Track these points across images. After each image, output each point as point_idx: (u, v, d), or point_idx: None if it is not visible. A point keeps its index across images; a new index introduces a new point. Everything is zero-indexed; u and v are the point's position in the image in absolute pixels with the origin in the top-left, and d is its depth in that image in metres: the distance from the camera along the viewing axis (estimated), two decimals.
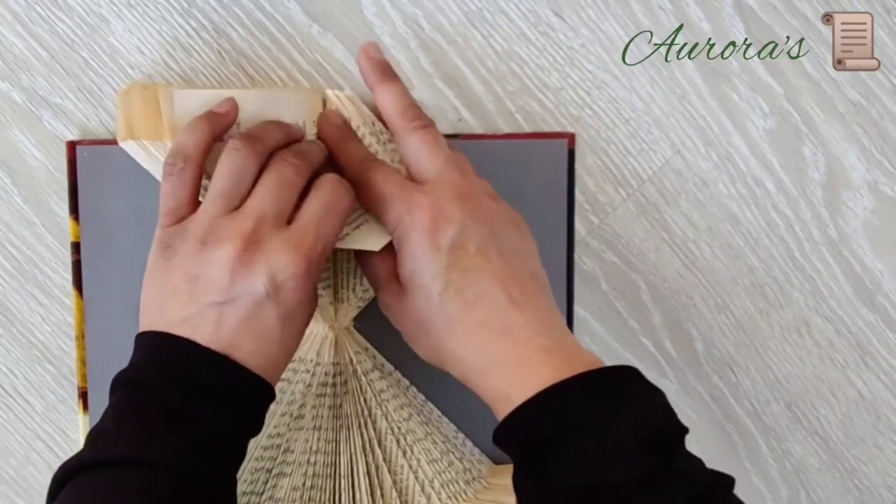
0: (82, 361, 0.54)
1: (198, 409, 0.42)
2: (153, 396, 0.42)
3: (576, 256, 0.55)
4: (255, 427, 0.45)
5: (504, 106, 0.54)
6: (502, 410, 0.43)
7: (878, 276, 0.56)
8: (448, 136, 0.53)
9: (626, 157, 0.55)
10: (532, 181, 0.50)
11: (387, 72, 0.48)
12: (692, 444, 0.40)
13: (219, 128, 0.47)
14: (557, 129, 0.54)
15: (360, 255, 0.49)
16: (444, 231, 0.44)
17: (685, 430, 0.42)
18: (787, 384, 0.57)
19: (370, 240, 0.47)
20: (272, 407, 0.52)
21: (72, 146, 0.53)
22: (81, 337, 0.54)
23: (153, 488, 0.40)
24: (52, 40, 0.53)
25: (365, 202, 0.47)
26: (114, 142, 0.49)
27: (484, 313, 0.44)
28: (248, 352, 0.43)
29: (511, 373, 0.43)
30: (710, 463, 0.40)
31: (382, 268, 0.47)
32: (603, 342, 0.56)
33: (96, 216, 0.53)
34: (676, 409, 0.47)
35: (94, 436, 0.42)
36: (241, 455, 0.45)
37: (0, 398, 0.56)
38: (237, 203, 0.44)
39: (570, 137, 0.54)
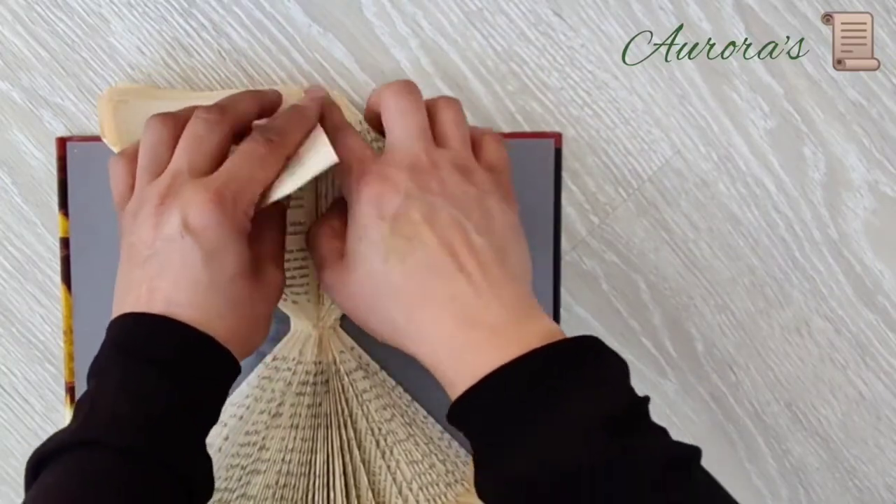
0: (70, 356, 0.54)
1: (146, 381, 0.41)
2: (107, 376, 0.42)
3: (576, 256, 0.55)
4: (216, 394, 0.44)
5: (504, 106, 0.54)
6: (451, 398, 0.42)
7: (878, 276, 0.56)
8: None
9: (626, 157, 0.55)
10: (519, 181, 0.50)
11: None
12: (692, 444, 0.40)
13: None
14: (558, 129, 0.54)
15: (309, 237, 0.49)
16: (389, 200, 0.44)
17: (645, 402, 0.41)
18: (787, 384, 0.57)
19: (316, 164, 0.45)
20: (251, 404, 0.52)
21: (62, 142, 0.53)
22: (70, 332, 0.54)
23: (111, 469, 0.40)
24: (52, 40, 0.53)
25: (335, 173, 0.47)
26: (98, 138, 0.49)
27: (428, 283, 0.43)
28: (187, 305, 0.43)
29: (455, 354, 0.42)
30: (710, 463, 0.40)
31: (328, 247, 0.47)
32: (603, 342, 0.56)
33: (86, 212, 0.53)
34: (676, 409, 0.47)
35: (64, 429, 0.42)
36: (203, 425, 0.44)
37: (0, 398, 0.56)
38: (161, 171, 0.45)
39: (557, 137, 0.54)
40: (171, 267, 0.43)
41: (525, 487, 0.38)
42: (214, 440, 0.52)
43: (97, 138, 0.53)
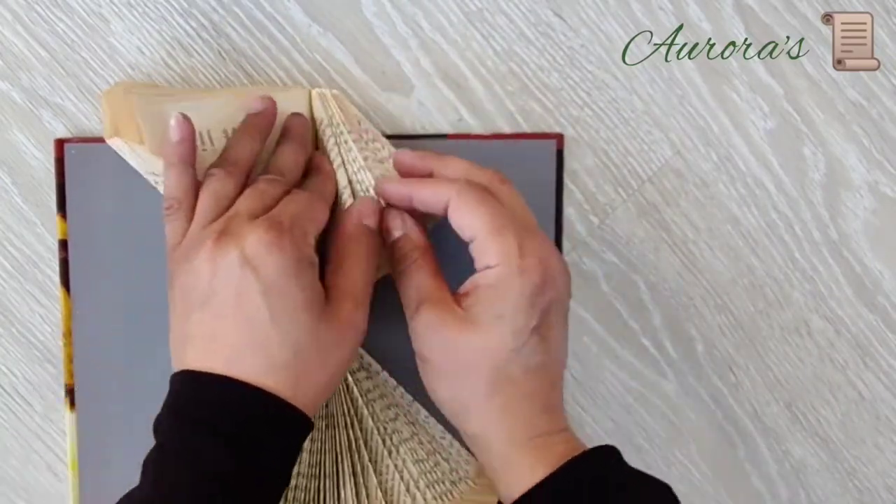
0: (69, 359, 0.54)
1: (213, 453, 0.40)
2: (171, 443, 0.41)
3: (576, 256, 0.55)
4: (286, 458, 0.42)
5: (504, 106, 0.54)
6: (515, 481, 0.42)
7: (878, 276, 0.56)
8: (427, 137, 0.54)
9: (626, 157, 0.55)
10: (520, 183, 0.50)
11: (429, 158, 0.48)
12: (693, 446, 0.40)
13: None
14: (557, 129, 0.54)
15: (413, 269, 0.46)
16: (546, 292, 0.43)
17: None
18: (787, 384, 0.57)
19: None
20: None
21: (60, 144, 0.53)
22: (69, 334, 0.54)
23: None
24: (52, 40, 0.53)
25: (466, 217, 0.44)
26: (102, 139, 0.49)
27: (536, 386, 0.43)
28: (249, 353, 0.41)
29: (537, 451, 0.43)
30: (711, 463, 0.40)
31: (435, 286, 0.45)
32: (603, 342, 0.56)
33: (84, 214, 0.53)
34: (676, 409, 0.47)
35: (128, 496, 0.42)
36: (275, 490, 0.42)
37: (0, 398, 0.56)
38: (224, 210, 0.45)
39: (559, 138, 0.54)
40: (229, 308, 0.41)
41: None
42: None
43: (95, 139, 0.53)
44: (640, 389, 0.57)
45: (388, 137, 0.53)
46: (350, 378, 0.52)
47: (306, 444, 0.52)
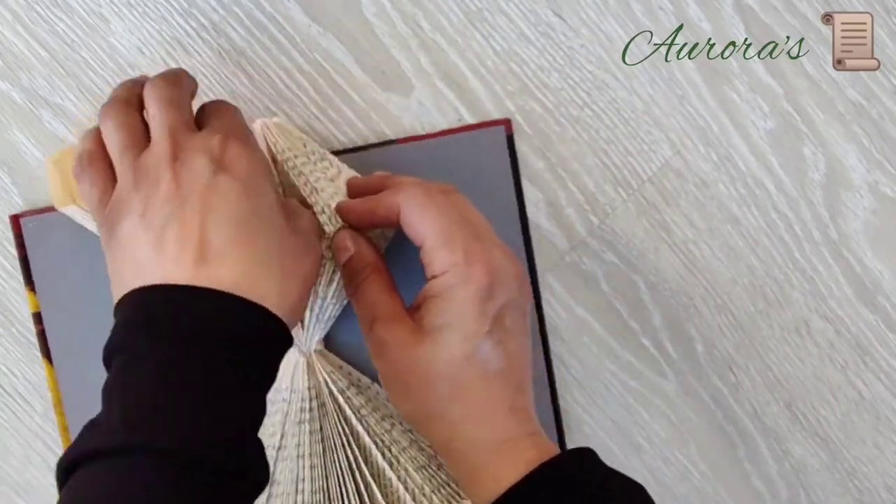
0: (64, 428, 0.54)
1: (190, 368, 0.37)
2: (141, 363, 0.38)
3: (576, 256, 0.55)
4: (268, 375, 0.40)
5: (504, 106, 0.54)
6: (485, 489, 0.42)
7: (878, 276, 0.56)
8: (377, 146, 0.53)
9: (626, 157, 0.55)
10: (476, 174, 0.49)
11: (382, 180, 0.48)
12: (693, 446, 0.40)
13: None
14: (557, 128, 0.54)
15: (364, 286, 0.46)
16: (497, 297, 0.43)
17: None
18: (787, 385, 0.57)
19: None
20: None
21: (16, 219, 0.53)
22: (59, 404, 0.54)
23: (161, 479, 0.35)
24: (52, 40, 0.53)
25: (415, 221, 0.44)
26: (53, 209, 0.49)
27: (497, 391, 0.43)
28: (228, 256, 0.39)
29: (505, 455, 0.43)
30: (710, 463, 0.40)
31: (391, 304, 0.45)
32: (603, 342, 0.56)
33: (53, 284, 0.53)
34: (676, 409, 0.47)
35: (91, 422, 0.38)
36: (256, 413, 0.40)
37: (0, 398, 0.56)
38: (143, 146, 0.43)
39: (507, 123, 0.54)
40: (204, 202, 0.40)
41: None
42: None
43: (49, 209, 0.53)
44: (640, 389, 0.57)
45: (388, 142, 0.53)
46: (341, 398, 0.52)
47: (306, 472, 0.51)
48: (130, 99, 0.45)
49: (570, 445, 0.57)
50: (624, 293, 0.56)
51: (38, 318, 0.53)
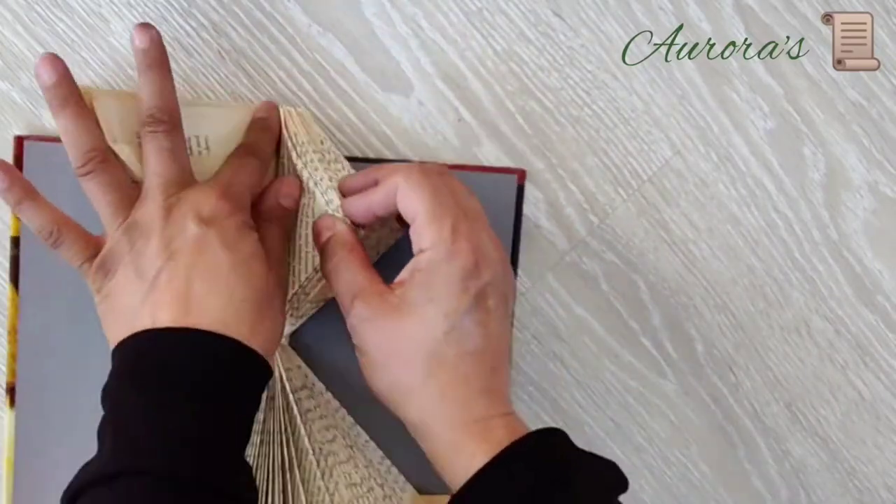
0: (12, 356, 0.54)
1: (175, 404, 0.41)
2: (131, 405, 0.41)
3: (576, 256, 0.55)
4: (250, 404, 0.44)
5: (504, 106, 0.54)
6: (457, 468, 0.42)
7: (878, 276, 0.56)
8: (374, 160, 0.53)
9: (626, 157, 0.55)
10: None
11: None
12: (693, 446, 0.40)
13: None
14: (557, 128, 0.54)
15: (344, 265, 0.46)
16: (481, 276, 0.43)
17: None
18: (786, 384, 0.57)
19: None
20: None
21: (19, 140, 0.53)
22: (14, 332, 0.54)
23: (156, 498, 0.39)
24: (52, 40, 0.53)
25: (409, 198, 0.44)
26: (58, 139, 0.48)
27: (473, 369, 0.43)
28: (211, 309, 0.42)
29: (477, 435, 0.43)
30: (710, 463, 0.40)
31: (366, 276, 0.45)
32: (603, 342, 0.56)
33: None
34: (676, 410, 0.47)
35: (86, 463, 0.42)
36: (241, 436, 0.43)
37: (1, 398, 0.56)
38: (133, 196, 0.46)
39: (521, 174, 0.54)
40: (191, 260, 0.43)
41: None
42: None
43: (53, 138, 0.52)
44: (640, 389, 0.57)
45: (386, 144, 0.53)
46: (291, 396, 0.51)
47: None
48: (101, 146, 0.46)
49: None
50: (624, 293, 0.56)
51: (15, 242, 0.53)
